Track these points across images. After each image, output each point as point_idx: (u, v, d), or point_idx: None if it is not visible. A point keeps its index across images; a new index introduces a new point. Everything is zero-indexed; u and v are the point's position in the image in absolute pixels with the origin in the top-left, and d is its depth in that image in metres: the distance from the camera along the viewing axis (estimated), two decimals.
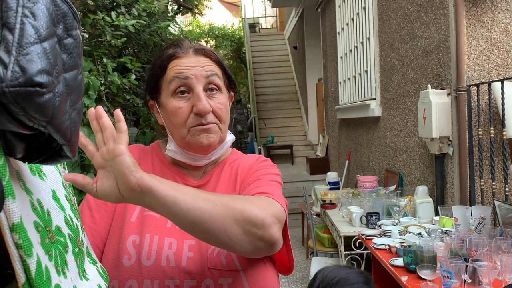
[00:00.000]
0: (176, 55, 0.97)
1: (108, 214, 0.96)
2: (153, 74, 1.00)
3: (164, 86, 0.98)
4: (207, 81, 0.95)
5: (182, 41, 1.01)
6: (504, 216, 2.30)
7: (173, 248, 0.90)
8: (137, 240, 0.90)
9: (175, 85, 0.94)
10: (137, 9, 3.77)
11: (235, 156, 1.08)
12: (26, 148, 0.47)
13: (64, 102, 0.43)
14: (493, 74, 2.77)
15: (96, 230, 0.93)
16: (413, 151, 3.53)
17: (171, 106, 0.95)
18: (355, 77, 4.99)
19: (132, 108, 4.33)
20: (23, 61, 0.37)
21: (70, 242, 0.57)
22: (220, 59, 1.01)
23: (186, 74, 0.94)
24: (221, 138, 0.98)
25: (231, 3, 19.92)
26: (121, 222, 0.94)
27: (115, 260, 0.89)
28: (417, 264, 2.05)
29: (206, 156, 0.99)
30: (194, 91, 0.93)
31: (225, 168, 1.04)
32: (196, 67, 0.95)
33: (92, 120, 0.70)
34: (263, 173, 0.99)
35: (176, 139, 0.98)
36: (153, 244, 0.90)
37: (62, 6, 0.43)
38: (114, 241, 0.92)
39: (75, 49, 0.45)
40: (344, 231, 3.08)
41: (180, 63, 0.96)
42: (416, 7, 3.36)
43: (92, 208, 0.96)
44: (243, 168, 1.03)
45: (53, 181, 0.62)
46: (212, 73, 0.96)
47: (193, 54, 0.97)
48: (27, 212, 0.46)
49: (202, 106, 0.92)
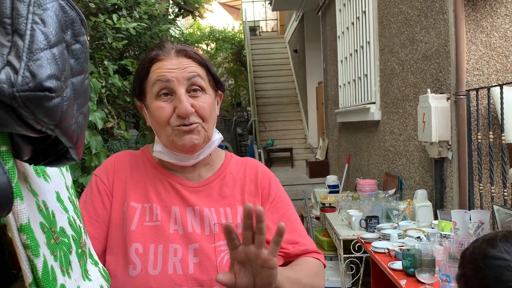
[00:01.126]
0: (157, 57, 0.97)
1: (101, 226, 0.95)
2: (137, 77, 1.01)
3: (148, 88, 0.98)
4: (189, 82, 0.95)
5: (165, 43, 1.01)
6: (502, 220, 2.30)
7: (179, 255, 0.90)
8: (141, 249, 0.90)
9: (158, 88, 0.95)
10: (139, 12, 3.79)
11: (232, 163, 1.08)
12: (33, 150, 0.48)
13: (71, 106, 0.44)
14: (492, 79, 2.78)
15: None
16: (412, 155, 3.54)
17: (154, 107, 0.95)
18: (355, 80, 5.01)
19: (132, 110, 4.35)
20: (33, 66, 0.38)
21: (73, 243, 0.58)
22: (203, 60, 1.00)
23: (167, 77, 0.94)
24: (206, 137, 0.98)
25: (232, 6, 19.97)
26: (121, 232, 0.94)
27: (121, 271, 0.89)
28: (416, 268, 2.06)
29: (193, 155, 0.99)
30: (176, 93, 0.94)
31: (227, 179, 1.04)
32: (177, 69, 0.95)
33: (247, 219, 0.76)
34: (288, 208, 1.08)
35: (162, 139, 0.98)
36: (158, 253, 0.90)
37: (71, 13, 0.44)
38: (117, 252, 0.92)
39: (82, 55, 0.46)
40: (344, 234, 3.08)
41: (162, 66, 0.96)
42: (416, 11, 3.38)
43: (84, 220, 0.95)
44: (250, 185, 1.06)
45: (57, 183, 0.63)
46: (193, 74, 0.95)
47: (174, 56, 0.97)
48: (34, 213, 0.47)
49: (183, 109, 0.92)
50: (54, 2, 0.41)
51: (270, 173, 1.10)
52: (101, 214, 0.96)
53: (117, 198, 0.98)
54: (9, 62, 0.38)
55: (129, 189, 0.99)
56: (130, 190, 0.98)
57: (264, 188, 1.05)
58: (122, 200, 0.98)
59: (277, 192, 1.06)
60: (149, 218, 0.95)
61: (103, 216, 0.96)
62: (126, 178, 1.01)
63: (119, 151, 3.84)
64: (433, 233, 2.53)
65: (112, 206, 0.97)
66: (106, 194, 0.98)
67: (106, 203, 0.97)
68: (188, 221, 0.95)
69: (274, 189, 1.06)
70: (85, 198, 0.99)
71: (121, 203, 0.97)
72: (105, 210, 0.97)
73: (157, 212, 0.95)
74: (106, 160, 1.06)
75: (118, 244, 0.92)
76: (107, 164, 1.04)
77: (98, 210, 0.96)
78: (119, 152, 1.10)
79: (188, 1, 8.40)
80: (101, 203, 0.97)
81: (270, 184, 1.07)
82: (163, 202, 0.97)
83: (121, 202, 0.97)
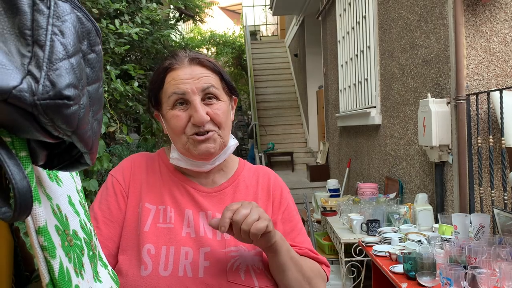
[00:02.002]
0: (171, 67, 0.99)
1: (114, 226, 0.97)
2: (152, 88, 1.03)
3: (164, 99, 1.00)
4: (204, 92, 0.97)
5: (177, 51, 1.03)
6: (503, 224, 2.32)
7: (190, 258, 0.92)
8: (152, 249, 0.92)
9: (173, 99, 0.97)
10: (141, 17, 3.82)
11: (245, 171, 1.10)
12: (47, 155, 0.50)
13: (87, 113, 0.46)
14: (492, 83, 2.80)
15: (103, 242, 0.94)
16: (413, 159, 3.55)
17: (170, 116, 0.98)
18: (355, 85, 5.03)
19: (134, 114, 4.37)
20: (53, 76, 0.40)
21: (85, 245, 0.60)
22: (216, 67, 1.02)
23: (182, 89, 0.96)
24: (222, 144, 1.00)
25: (232, 11, 20.05)
26: (135, 232, 0.96)
27: (133, 270, 0.91)
28: (417, 271, 2.07)
29: (209, 161, 1.01)
30: (191, 103, 0.96)
31: (240, 186, 1.06)
32: (192, 80, 0.96)
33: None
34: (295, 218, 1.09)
35: (178, 146, 1.00)
36: (169, 255, 0.92)
37: (87, 24, 0.46)
38: (130, 252, 0.94)
39: (97, 64, 0.48)
40: (345, 238, 3.09)
41: (176, 76, 0.97)
42: (416, 17, 3.41)
43: (98, 219, 0.97)
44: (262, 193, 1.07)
45: (68, 187, 0.65)
46: (208, 85, 0.97)
47: (188, 64, 0.99)
48: (49, 216, 0.49)
49: (198, 118, 0.94)
50: (72, 14, 0.43)
51: (281, 182, 1.12)
52: (115, 214, 0.98)
53: (132, 199, 1.00)
54: (30, 72, 0.40)
55: (144, 191, 1.01)
56: (145, 192, 1.00)
57: (276, 197, 1.07)
58: (137, 201, 1.00)
59: (289, 202, 1.09)
60: (163, 220, 0.97)
61: (117, 216, 0.98)
62: (142, 180, 1.03)
63: (121, 155, 3.83)
64: (434, 236, 2.54)
65: (127, 207, 0.99)
66: (122, 194, 1.00)
67: (121, 203, 0.99)
68: (201, 225, 0.97)
69: (286, 199, 1.08)
70: (100, 197, 1.01)
71: (136, 204, 0.99)
72: (119, 210, 0.99)
73: (171, 214, 0.97)
74: (123, 161, 1.08)
75: (132, 244, 0.94)
76: (124, 165, 1.06)
77: (113, 210, 0.98)
78: (135, 153, 1.12)
79: (188, 6, 8.45)
80: (116, 203, 0.99)
81: (281, 194, 1.08)
82: (177, 205, 0.99)
83: (136, 203, 0.99)
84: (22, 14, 0.41)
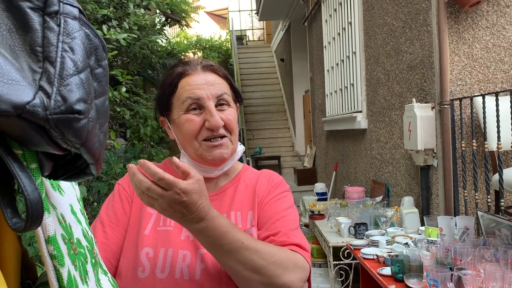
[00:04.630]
0: (185, 72, 1.02)
1: (120, 230, 0.99)
2: (164, 92, 1.04)
3: (175, 104, 1.02)
4: (218, 99, 1.00)
5: (190, 59, 1.06)
6: (486, 226, 2.38)
7: (187, 261, 0.93)
8: (151, 253, 0.94)
9: (187, 104, 0.99)
10: (128, 23, 3.82)
11: (248, 173, 1.11)
12: (53, 166, 0.52)
13: (95, 126, 0.47)
14: (474, 88, 2.88)
15: (109, 246, 0.96)
16: (399, 162, 3.61)
17: (183, 120, 0.99)
18: (341, 90, 5.09)
19: (121, 120, 4.35)
20: (64, 91, 0.42)
21: (88, 253, 0.61)
22: (227, 74, 1.06)
23: (197, 94, 0.98)
24: (233, 150, 1.03)
25: (219, 16, 20.08)
26: (135, 236, 0.98)
27: (131, 272, 0.93)
28: (404, 273, 2.11)
29: (219, 167, 1.03)
30: (206, 108, 0.98)
31: (240, 185, 1.07)
32: (206, 85, 0.99)
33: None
34: (287, 207, 1.03)
35: (189, 152, 1.02)
36: (167, 257, 0.94)
37: (94, 40, 0.48)
38: (129, 254, 0.96)
39: (104, 78, 0.49)
40: (333, 241, 3.13)
41: (191, 82, 1.00)
42: (400, 23, 3.48)
43: (104, 223, 0.99)
44: (260, 188, 1.06)
45: (70, 196, 0.66)
46: (222, 92, 1.00)
47: (201, 71, 1.02)
48: (56, 225, 0.51)
49: (214, 122, 0.96)
50: (81, 31, 0.45)
51: (281, 180, 1.12)
52: (121, 219, 1.01)
53: (136, 204, 1.03)
54: (42, 87, 0.42)
55: None
56: None
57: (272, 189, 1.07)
58: (140, 206, 1.03)
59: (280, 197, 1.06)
60: (163, 223, 0.99)
61: (123, 220, 1.01)
62: None
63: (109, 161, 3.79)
64: (420, 239, 2.59)
65: (131, 212, 1.02)
66: (127, 200, 1.04)
67: (126, 208, 1.03)
68: None
69: (283, 188, 1.08)
70: (107, 204, 1.04)
71: (139, 209, 1.02)
72: (125, 215, 1.02)
73: None
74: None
75: (131, 247, 0.97)
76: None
77: (119, 215, 1.01)
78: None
79: (175, 11, 8.45)
80: (122, 208, 1.02)
81: (280, 184, 1.09)
82: None
83: (139, 208, 1.03)
84: (33, 31, 0.43)
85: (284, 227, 0.97)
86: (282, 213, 1.01)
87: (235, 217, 1.02)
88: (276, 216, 1.00)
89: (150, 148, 5.05)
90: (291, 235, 0.96)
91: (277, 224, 0.98)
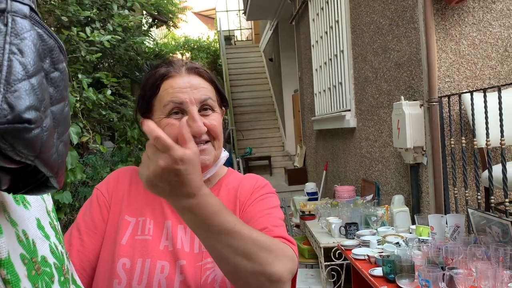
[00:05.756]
0: (168, 74, 0.97)
1: (97, 238, 0.95)
2: (145, 94, 0.99)
3: (157, 106, 0.97)
4: (202, 104, 0.95)
5: (174, 60, 1.01)
6: (477, 224, 2.37)
7: (165, 272, 0.89)
8: (128, 263, 0.90)
9: (169, 108, 0.94)
10: (112, 24, 3.75)
11: (231, 177, 1.06)
12: (11, 179, 0.47)
13: (51, 136, 0.43)
14: (462, 85, 2.87)
15: (85, 254, 0.92)
16: (388, 161, 3.60)
17: (164, 124, 0.94)
18: (330, 89, 5.07)
19: (107, 123, 4.28)
20: (11, 98, 0.38)
21: (56, 271, 0.57)
22: (213, 77, 1.01)
23: (180, 98, 0.93)
24: (216, 156, 0.98)
25: (206, 16, 19.99)
26: (112, 244, 0.93)
27: (106, 284, 0.88)
28: (396, 274, 2.09)
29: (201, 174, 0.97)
30: (189, 113, 0.93)
31: (222, 190, 1.02)
32: (190, 89, 0.94)
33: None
34: (271, 206, 0.98)
35: None
36: (144, 268, 0.89)
37: (49, 41, 0.43)
38: (105, 264, 0.91)
39: (61, 82, 0.45)
40: (324, 242, 3.10)
41: (174, 84, 0.95)
42: (387, 21, 3.46)
43: (81, 230, 0.95)
44: (242, 191, 1.01)
45: (37, 209, 0.61)
46: (206, 97, 0.96)
47: (185, 73, 0.97)
48: (13, 245, 0.46)
49: (197, 128, 0.91)
50: (31, 31, 0.41)
51: (266, 183, 1.07)
52: (98, 225, 0.96)
53: (113, 211, 0.99)
54: None
55: (125, 203, 0.99)
56: (126, 204, 0.99)
57: (255, 193, 1.02)
58: (118, 213, 0.98)
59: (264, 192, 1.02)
60: (141, 232, 0.95)
61: (100, 227, 0.96)
62: (124, 192, 1.01)
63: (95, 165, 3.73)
64: (411, 238, 2.58)
65: (109, 219, 0.98)
66: (105, 206, 0.99)
67: (104, 214, 0.98)
68: (179, 237, 0.94)
69: (268, 190, 1.03)
70: (84, 210, 1.00)
71: (116, 216, 0.98)
72: (102, 221, 0.97)
73: (150, 226, 0.95)
74: (109, 175, 1.07)
75: (108, 257, 0.92)
76: (109, 178, 1.05)
77: (96, 221, 0.97)
78: (122, 167, 1.10)
79: (162, 11, 8.38)
80: (100, 214, 0.98)
81: (264, 186, 1.04)
82: (156, 217, 0.97)
83: (116, 215, 0.98)
84: None
85: (269, 223, 0.92)
86: (266, 211, 0.96)
87: None
88: (259, 214, 0.95)
89: (138, 151, 4.99)
90: (277, 230, 0.91)
91: (261, 221, 0.93)
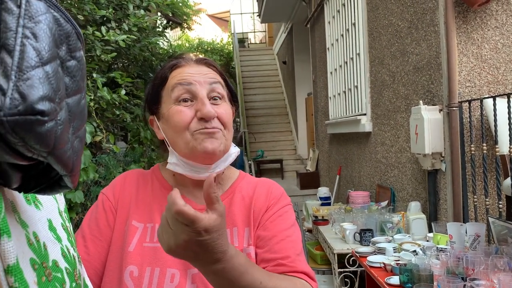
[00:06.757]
0: (178, 64, 0.95)
1: (103, 245, 0.91)
2: (154, 84, 0.97)
3: (165, 96, 0.94)
4: (211, 88, 0.92)
5: (183, 53, 1.00)
6: (498, 233, 2.29)
7: (175, 281, 0.85)
8: (136, 272, 0.85)
9: (178, 93, 0.90)
10: (128, 24, 3.75)
11: (244, 182, 1.02)
12: (23, 177, 0.43)
13: (66, 130, 0.39)
14: (484, 90, 2.79)
15: (90, 262, 0.88)
16: (404, 166, 3.52)
17: (173, 112, 0.90)
18: (345, 92, 5.01)
19: (121, 123, 4.27)
20: (23, 86, 0.34)
21: (67, 277, 0.53)
22: (222, 72, 0.99)
23: (189, 80, 0.90)
24: (226, 146, 0.93)
25: (220, 18, 20.05)
26: (119, 252, 0.89)
27: None
28: (413, 283, 2.02)
29: (210, 166, 0.92)
30: (198, 96, 0.89)
31: (235, 197, 0.97)
32: (199, 74, 0.92)
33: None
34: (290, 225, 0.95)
35: (179, 147, 0.91)
36: (153, 277, 0.85)
37: (66, 26, 0.39)
38: (111, 272, 0.87)
39: (78, 72, 0.41)
40: (338, 248, 3.04)
41: (182, 71, 0.93)
42: (406, 23, 3.40)
43: (86, 238, 0.91)
44: (257, 202, 0.97)
45: (49, 209, 0.58)
46: (215, 80, 0.93)
47: (195, 64, 0.95)
48: (23, 249, 0.42)
49: (206, 111, 0.87)
50: (47, 14, 0.37)
51: (282, 192, 1.03)
52: (104, 232, 0.92)
53: (120, 216, 0.94)
54: None
55: (133, 208, 0.94)
56: (133, 209, 0.94)
57: (270, 205, 0.98)
58: (125, 219, 0.93)
59: (283, 212, 0.98)
60: (150, 239, 0.90)
61: (106, 234, 0.92)
62: (131, 197, 0.96)
63: (108, 165, 3.72)
64: (429, 246, 2.50)
65: (115, 224, 0.93)
66: (111, 211, 0.95)
67: (110, 220, 0.94)
68: None
69: (279, 207, 0.98)
70: (90, 215, 0.96)
71: (123, 221, 0.93)
72: (108, 227, 0.93)
73: None
74: (115, 179, 1.03)
75: (115, 265, 0.88)
76: (115, 182, 1.01)
77: (102, 228, 0.93)
78: (129, 170, 1.06)
79: (176, 13, 8.39)
80: (105, 220, 0.94)
81: (277, 202, 0.99)
82: None
83: (123, 220, 0.93)
84: None
85: (291, 252, 0.90)
86: (286, 232, 0.93)
87: (231, 234, 0.92)
88: (279, 235, 0.92)
89: (151, 151, 4.98)
90: (299, 263, 0.89)
91: (281, 245, 0.90)
